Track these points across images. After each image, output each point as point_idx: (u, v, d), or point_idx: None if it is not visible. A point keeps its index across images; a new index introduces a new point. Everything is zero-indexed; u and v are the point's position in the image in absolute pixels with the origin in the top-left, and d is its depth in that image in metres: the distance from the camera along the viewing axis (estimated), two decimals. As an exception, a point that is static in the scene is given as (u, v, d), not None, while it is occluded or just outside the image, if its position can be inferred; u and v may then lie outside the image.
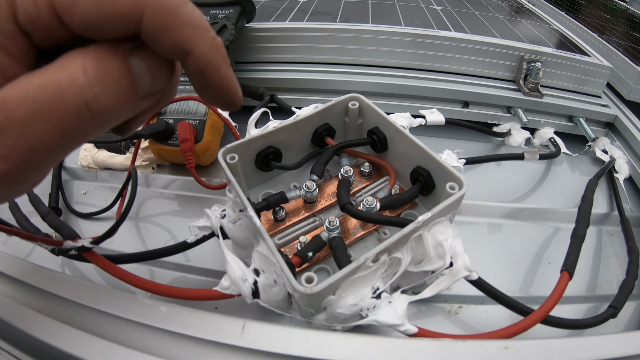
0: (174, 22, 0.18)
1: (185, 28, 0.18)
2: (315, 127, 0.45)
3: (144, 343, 0.26)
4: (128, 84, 0.18)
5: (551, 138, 0.60)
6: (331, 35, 0.62)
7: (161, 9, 0.18)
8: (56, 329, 0.27)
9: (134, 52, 0.18)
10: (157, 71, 0.19)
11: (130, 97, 0.19)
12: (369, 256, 0.30)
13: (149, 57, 0.19)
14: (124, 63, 0.18)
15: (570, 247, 0.37)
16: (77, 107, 0.17)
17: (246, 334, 0.26)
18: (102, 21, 0.17)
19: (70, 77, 0.17)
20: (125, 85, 0.18)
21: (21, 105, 0.16)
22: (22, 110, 0.17)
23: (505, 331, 0.29)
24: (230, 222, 0.35)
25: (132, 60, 0.18)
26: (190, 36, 0.19)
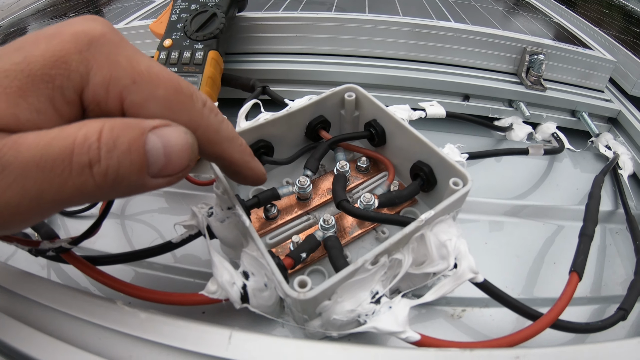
0: (217, 138, 0.24)
1: (224, 142, 0.25)
2: (309, 119, 0.43)
3: (124, 353, 0.24)
4: (137, 157, 0.19)
5: (554, 133, 0.59)
6: (326, 25, 0.60)
7: (209, 129, 0.23)
8: (28, 336, 0.25)
9: (156, 130, 0.20)
10: (175, 156, 0.20)
11: (137, 171, 0.19)
12: (367, 258, 0.28)
13: (170, 140, 0.20)
14: (140, 137, 0.19)
15: (579, 246, 0.35)
16: (80, 165, 0.18)
17: (233, 344, 0.24)
18: None
19: (84, 136, 0.18)
20: (134, 158, 0.19)
21: (31, 149, 0.17)
22: (29, 154, 0.17)
23: (513, 337, 0.27)
24: (217, 221, 0.33)
25: (149, 137, 0.19)
26: (229, 148, 0.25)
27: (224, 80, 0.54)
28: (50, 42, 0.19)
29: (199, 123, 0.23)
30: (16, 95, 0.18)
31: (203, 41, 0.51)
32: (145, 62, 0.21)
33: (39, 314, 0.26)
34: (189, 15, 0.53)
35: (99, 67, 0.20)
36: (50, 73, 0.19)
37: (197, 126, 0.22)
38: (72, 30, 0.20)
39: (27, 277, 0.29)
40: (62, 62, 0.19)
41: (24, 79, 0.19)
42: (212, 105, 0.24)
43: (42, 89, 0.19)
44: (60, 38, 0.20)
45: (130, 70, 0.21)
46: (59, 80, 0.19)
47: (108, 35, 0.21)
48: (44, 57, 0.19)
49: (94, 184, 0.18)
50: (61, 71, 0.19)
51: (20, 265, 0.38)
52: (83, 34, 0.20)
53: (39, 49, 0.19)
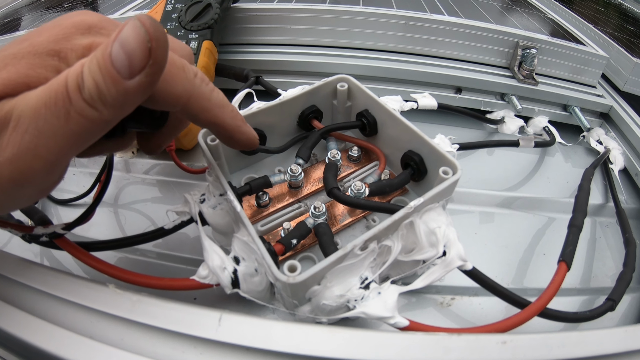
0: (209, 105, 0.26)
1: (216, 108, 0.27)
2: (301, 109, 0.43)
3: (115, 336, 0.24)
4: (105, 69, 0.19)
5: (545, 127, 0.59)
6: (320, 16, 0.60)
7: (201, 97, 0.25)
8: (20, 319, 0.25)
9: (117, 37, 0.20)
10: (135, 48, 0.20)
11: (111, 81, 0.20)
12: (356, 243, 0.28)
13: (126, 37, 0.20)
14: (105, 50, 0.20)
15: (568, 237, 0.36)
16: (74, 93, 0.20)
17: (223, 327, 0.24)
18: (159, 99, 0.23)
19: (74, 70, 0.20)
20: (104, 71, 0.20)
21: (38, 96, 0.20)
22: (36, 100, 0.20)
23: (501, 324, 0.28)
24: (209, 207, 0.33)
25: (113, 46, 0.20)
26: (221, 114, 0.27)
27: (218, 70, 0.54)
28: (51, 30, 0.22)
29: (191, 92, 0.25)
30: (26, 67, 0.21)
31: (197, 31, 0.51)
32: None
33: (30, 297, 0.26)
34: (183, 6, 0.53)
35: (101, 40, 0.22)
36: (55, 48, 0.21)
37: (189, 95, 0.25)
38: (71, 20, 0.23)
39: (20, 262, 0.29)
40: (65, 39, 0.22)
41: (31, 57, 0.21)
42: (203, 76, 0.26)
43: (48, 61, 0.21)
44: (60, 26, 0.22)
45: None
46: (64, 52, 0.22)
47: (104, 22, 0.23)
48: (47, 39, 0.21)
49: (88, 107, 0.20)
50: (65, 45, 0.22)
51: (13, 252, 0.38)
52: (81, 22, 0.23)
53: (42, 36, 0.22)
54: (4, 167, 0.20)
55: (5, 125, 0.20)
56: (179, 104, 0.24)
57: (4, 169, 0.20)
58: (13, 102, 0.20)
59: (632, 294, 0.41)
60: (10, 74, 0.20)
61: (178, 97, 0.24)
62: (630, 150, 0.56)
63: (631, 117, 0.59)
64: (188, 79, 0.24)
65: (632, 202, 0.52)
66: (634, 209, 0.51)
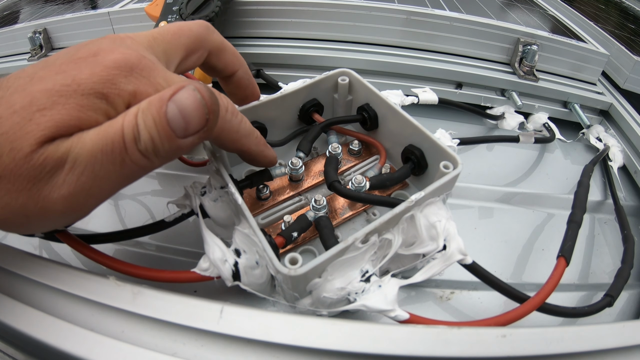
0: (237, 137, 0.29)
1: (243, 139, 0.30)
2: (302, 102, 0.42)
3: (116, 328, 0.24)
4: (162, 128, 0.22)
5: (545, 123, 0.59)
6: (321, 10, 0.59)
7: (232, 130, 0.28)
8: (20, 312, 0.25)
9: (173, 98, 0.22)
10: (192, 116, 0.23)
11: (167, 138, 0.22)
12: (357, 236, 0.28)
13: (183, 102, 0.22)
14: (160, 109, 0.22)
15: (567, 233, 0.36)
16: (130, 142, 0.21)
17: (224, 319, 0.24)
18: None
19: (128, 120, 0.22)
20: (160, 129, 0.22)
21: (94, 140, 0.21)
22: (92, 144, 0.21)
23: (501, 318, 0.28)
24: (210, 200, 0.33)
25: (169, 106, 0.22)
26: (247, 142, 0.30)
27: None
28: (93, 67, 0.22)
29: (222, 128, 0.27)
30: (77, 109, 0.21)
31: (198, 24, 0.51)
32: (176, 79, 0.25)
33: (30, 290, 0.26)
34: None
35: (145, 88, 0.24)
36: (103, 91, 0.22)
37: (221, 130, 0.27)
38: (112, 58, 0.23)
39: (19, 254, 0.29)
40: (111, 83, 0.22)
41: (79, 97, 0.21)
42: (233, 108, 0.28)
43: (96, 104, 0.22)
44: (103, 64, 0.23)
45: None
46: (112, 97, 0.22)
47: (144, 61, 0.24)
48: (92, 80, 0.22)
49: (142, 157, 0.22)
50: (112, 90, 0.22)
51: (12, 245, 0.38)
52: (124, 62, 0.23)
53: (84, 73, 0.22)
54: (58, 203, 0.21)
55: (61, 165, 0.21)
56: (210, 138, 0.28)
57: (58, 204, 0.21)
58: (68, 143, 0.21)
59: (630, 290, 0.41)
60: (62, 115, 0.21)
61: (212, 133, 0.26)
62: (630, 148, 0.56)
63: (631, 115, 0.59)
64: (220, 117, 0.26)
65: (630, 200, 0.52)
66: (632, 206, 0.51)
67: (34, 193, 0.21)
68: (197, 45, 0.31)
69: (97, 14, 0.67)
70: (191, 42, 0.30)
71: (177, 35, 0.29)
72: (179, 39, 0.29)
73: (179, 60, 0.30)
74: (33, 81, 0.22)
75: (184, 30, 0.30)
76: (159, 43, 0.28)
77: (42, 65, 0.23)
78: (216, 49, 0.32)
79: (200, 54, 0.32)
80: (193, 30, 0.30)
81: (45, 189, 0.21)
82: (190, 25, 0.30)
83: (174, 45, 0.29)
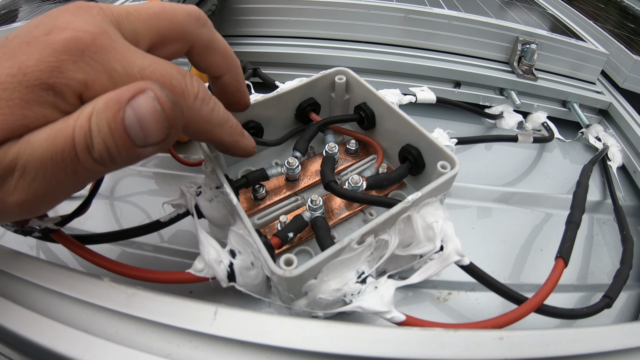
0: (208, 127, 0.26)
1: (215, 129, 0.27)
2: (299, 101, 0.42)
3: (110, 329, 0.24)
4: (119, 136, 0.20)
5: (544, 122, 0.59)
6: (319, 8, 0.59)
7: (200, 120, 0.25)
8: (14, 313, 0.25)
9: (132, 102, 0.20)
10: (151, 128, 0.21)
11: (124, 147, 0.20)
12: (354, 237, 0.27)
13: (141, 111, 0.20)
14: (117, 114, 0.20)
15: (566, 233, 0.36)
16: (82, 151, 0.20)
17: (218, 321, 0.24)
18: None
19: (80, 125, 0.20)
20: (117, 137, 0.20)
21: (43, 146, 0.19)
22: (42, 151, 0.19)
23: (498, 320, 0.27)
24: (206, 200, 0.33)
25: (127, 112, 0.20)
26: (219, 133, 0.27)
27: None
28: (42, 51, 0.20)
29: (191, 118, 0.25)
30: (21, 106, 0.20)
31: (195, 22, 0.50)
32: (137, 63, 0.22)
33: (25, 290, 0.26)
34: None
35: (97, 76, 0.21)
36: (49, 82, 0.20)
37: (189, 120, 0.25)
38: (62, 37, 0.21)
39: (14, 255, 0.29)
40: (59, 71, 0.20)
41: (24, 90, 0.20)
42: (204, 95, 0.25)
43: (43, 97, 0.20)
44: (52, 46, 0.20)
45: (125, 77, 0.22)
46: (59, 87, 0.20)
47: (99, 40, 0.21)
48: (38, 67, 0.20)
49: (97, 164, 0.20)
50: (59, 79, 0.20)
51: (8, 246, 0.38)
52: (74, 43, 0.21)
53: (31, 59, 0.20)
54: (12, 208, 0.20)
55: (11, 172, 0.20)
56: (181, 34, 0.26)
57: (12, 209, 0.20)
58: (16, 148, 0.20)
59: (629, 291, 0.41)
60: (6, 116, 0.19)
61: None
62: (629, 147, 0.56)
63: (630, 114, 0.59)
64: (188, 105, 0.24)
65: (629, 200, 0.52)
66: (631, 206, 0.51)
67: None
68: (177, 35, 0.27)
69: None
70: (169, 29, 0.26)
71: (155, 17, 0.26)
72: (156, 21, 0.26)
73: (148, 45, 0.26)
74: None
75: (166, 13, 0.26)
76: (131, 20, 0.25)
77: (1, 44, 0.21)
78: (201, 46, 0.29)
79: (180, 45, 0.28)
80: (177, 17, 0.27)
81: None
82: (176, 10, 0.27)
83: (147, 26, 0.25)
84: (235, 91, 0.32)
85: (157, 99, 0.20)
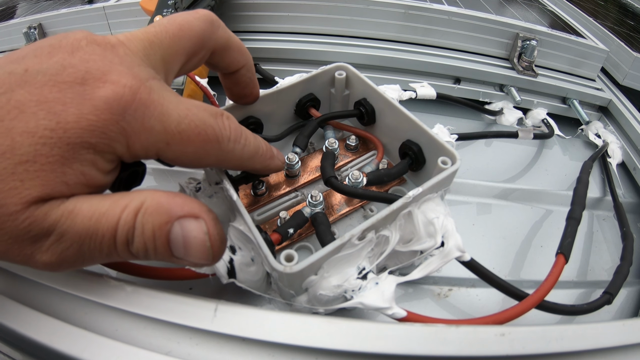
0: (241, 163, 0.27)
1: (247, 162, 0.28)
2: (298, 97, 0.42)
3: (110, 326, 0.24)
4: (161, 244, 0.21)
5: (544, 119, 0.59)
6: (318, 4, 0.59)
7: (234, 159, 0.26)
8: (12, 310, 0.25)
9: (181, 220, 0.21)
10: (193, 250, 0.22)
11: (163, 252, 0.22)
12: (354, 233, 0.27)
13: (189, 235, 0.22)
14: (165, 225, 0.21)
15: (566, 229, 0.35)
16: (122, 243, 0.21)
17: (218, 317, 0.24)
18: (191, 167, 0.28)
19: (124, 219, 0.21)
20: (158, 244, 0.21)
21: (85, 222, 0.20)
22: (83, 226, 0.20)
23: (499, 316, 0.27)
24: (205, 196, 0.33)
25: (174, 226, 0.21)
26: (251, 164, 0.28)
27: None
28: (81, 106, 0.20)
29: (225, 159, 0.26)
30: (61, 163, 0.20)
31: (194, 18, 0.50)
32: (174, 117, 0.23)
33: (23, 288, 0.26)
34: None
35: (137, 136, 0.22)
36: (90, 141, 0.20)
37: (223, 162, 0.26)
38: (102, 95, 0.20)
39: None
40: (101, 132, 0.20)
41: (65, 147, 0.20)
42: (236, 135, 0.26)
43: (84, 155, 0.20)
44: (92, 103, 0.20)
45: (164, 134, 0.22)
46: (100, 148, 0.21)
47: (139, 96, 0.21)
48: (79, 125, 0.20)
49: (131, 255, 0.22)
50: (101, 140, 0.20)
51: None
52: (116, 101, 0.21)
53: (70, 114, 0.20)
54: (38, 265, 0.20)
55: (47, 235, 0.20)
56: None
57: (39, 266, 0.20)
58: (59, 213, 0.20)
59: (629, 287, 0.41)
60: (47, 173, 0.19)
61: (208, 165, 0.26)
62: (629, 144, 0.56)
63: (630, 111, 0.59)
64: (222, 149, 0.25)
65: (629, 196, 0.52)
66: (631, 203, 0.51)
67: (16, 248, 0.20)
68: (200, 47, 0.27)
69: (92, 9, 0.66)
70: (193, 45, 0.27)
71: (177, 38, 0.26)
72: (179, 42, 0.26)
73: (179, 67, 0.27)
74: (11, 107, 0.19)
75: (184, 31, 0.26)
76: (156, 50, 0.25)
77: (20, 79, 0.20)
78: (221, 47, 0.29)
79: (203, 54, 0.28)
80: (195, 30, 0.26)
81: (28, 248, 0.20)
82: (191, 22, 0.27)
83: (173, 51, 0.26)
84: (248, 82, 0.34)
85: (209, 235, 0.22)
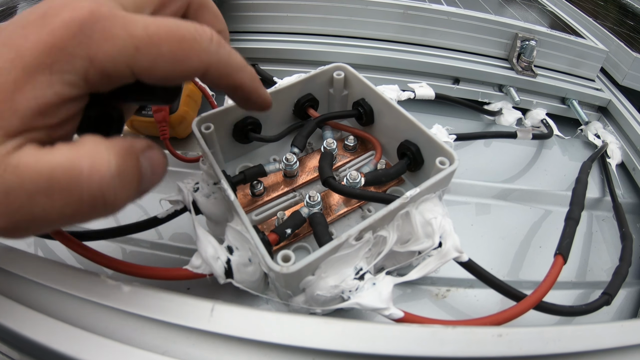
0: (228, 70, 0.24)
1: (236, 72, 0.25)
2: (297, 97, 0.42)
3: (107, 326, 0.24)
4: (137, 181, 0.21)
5: (543, 119, 0.59)
6: (317, 4, 0.59)
7: (220, 64, 0.24)
8: (10, 309, 0.25)
9: (144, 153, 0.21)
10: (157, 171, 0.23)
11: (136, 193, 0.21)
12: (352, 233, 0.27)
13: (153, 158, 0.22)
14: (138, 161, 0.21)
15: (565, 230, 0.35)
16: (93, 196, 0.19)
17: (215, 317, 0.24)
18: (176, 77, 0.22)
19: (93, 167, 0.19)
20: (136, 182, 0.21)
21: (34, 179, 0.18)
22: (33, 184, 0.18)
23: (497, 317, 0.27)
24: (203, 196, 0.33)
25: (142, 160, 0.21)
26: (240, 76, 0.26)
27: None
28: (40, 32, 0.19)
29: (209, 62, 0.23)
30: (12, 91, 0.18)
31: (192, 18, 0.50)
32: (140, 23, 0.21)
33: (21, 287, 0.26)
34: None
35: (99, 46, 0.20)
36: (46, 62, 0.19)
37: (208, 65, 0.23)
38: (60, 18, 0.19)
39: (11, 252, 0.29)
40: (58, 49, 0.19)
41: (20, 72, 0.18)
42: (219, 39, 0.24)
43: (38, 77, 0.19)
44: (49, 27, 0.19)
45: (130, 39, 0.20)
46: (58, 67, 0.19)
47: (96, 12, 0.20)
48: (36, 48, 0.19)
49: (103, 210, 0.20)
50: (59, 58, 0.19)
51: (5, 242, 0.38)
52: (73, 21, 0.19)
53: (29, 41, 0.19)
54: None
55: None
56: (196, 76, 0.23)
57: None
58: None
59: (628, 288, 0.41)
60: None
61: (194, 71, 0.23)
62: (628, 144, 0.56)
63: (629, 111, 0.59)
64: (203, 49, 0.22)
65: (629, 197, 0.52)
66: (630, 203, 0.51)
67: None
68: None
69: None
70: None
71: None
72: None
73: (151, 12, 0.24)
74: None
75: None
76: None
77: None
78: (197, 3, 0.27)
79: (179, 5, 0.26)
80: None
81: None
82: None
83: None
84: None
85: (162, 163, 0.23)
